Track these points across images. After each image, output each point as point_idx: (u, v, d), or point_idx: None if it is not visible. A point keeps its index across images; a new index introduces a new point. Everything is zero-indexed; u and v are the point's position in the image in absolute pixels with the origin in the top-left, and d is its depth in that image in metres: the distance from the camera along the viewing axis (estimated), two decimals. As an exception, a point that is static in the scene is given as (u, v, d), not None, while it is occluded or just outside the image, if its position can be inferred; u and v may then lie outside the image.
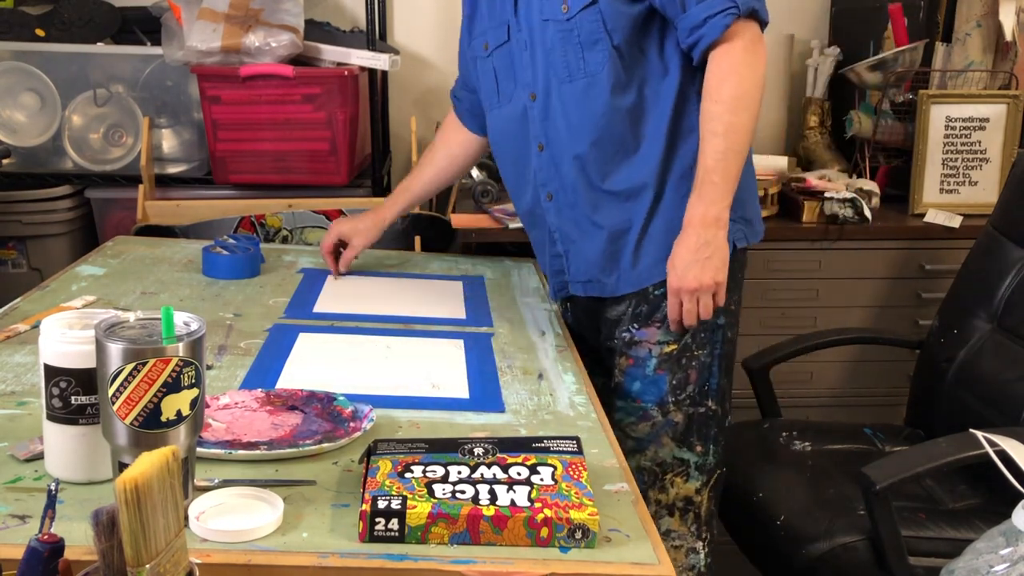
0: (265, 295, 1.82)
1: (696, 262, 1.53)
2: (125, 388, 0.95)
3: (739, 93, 1.49)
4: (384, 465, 1.07)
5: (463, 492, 1.03)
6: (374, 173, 2.70)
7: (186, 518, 0.97)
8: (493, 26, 1.68)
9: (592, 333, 1.77)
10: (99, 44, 2.65)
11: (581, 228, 1.66)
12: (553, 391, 1.43)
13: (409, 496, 1.01)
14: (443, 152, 1.97)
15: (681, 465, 1.66)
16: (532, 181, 1.69)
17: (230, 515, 1.01)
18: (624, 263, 1.65)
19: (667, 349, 1.63)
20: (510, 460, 1.10)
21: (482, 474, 1.07)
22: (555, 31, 1.57)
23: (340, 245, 1.96)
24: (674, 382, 1.64)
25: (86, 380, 1.03)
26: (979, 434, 1.57)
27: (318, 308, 1.75)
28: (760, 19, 1.52)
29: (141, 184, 2.48)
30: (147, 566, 0.74)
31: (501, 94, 1.71)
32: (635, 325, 1.65)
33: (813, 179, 2.61)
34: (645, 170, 1.60)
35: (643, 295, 1.64)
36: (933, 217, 2.64)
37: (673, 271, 1.55)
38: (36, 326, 1.48)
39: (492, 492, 1.03)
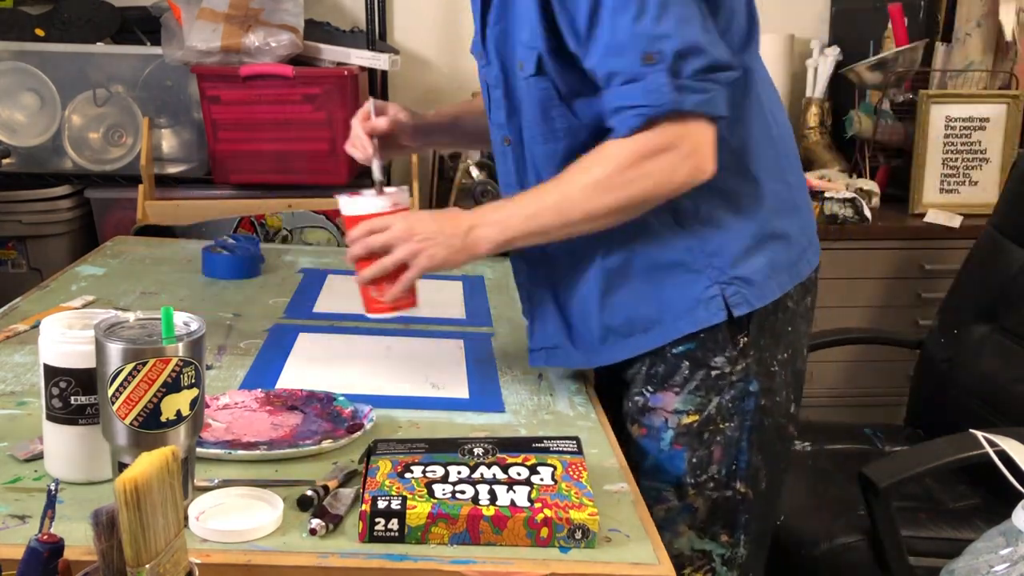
0: (265, 295, 1.82)
1: (437, 233, 1.27)
2: (125, 388, 0.95)
3: (604, 184, 1.21)
4: (384, 465, 1.07)
5: (463, 492, 1.03)
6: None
7: (186, 518, 0.97)
8: (476, 37, 1.41)
9: (614, 394, 1.48)
10: (99, 44, 2.65)
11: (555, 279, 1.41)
12: (553, 391, 1.43)
13: (409, 496, 1.01)
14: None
15: (703, 558, 1.36)
16: None
17: (230, 515, 1.01)
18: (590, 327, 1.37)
19: (686, 420, 1.33)
20: (510, 460, 1.10)
21: (482, 474, 1.07)
22: (519, 83, 1.30)
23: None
24: (694, 460, 1.33)
25: (86, 380, 1.03)
26: (979, 434, 1.57)
27: (318, 308, 1.75)
28: (705, 114, 1.18)
29: (141, 184, 2.48)
30: (147, 566, 0.74)
31: (493, 116, 1.41)
32: (649, 388, 1.35)
33: (813, 179, 2.62)
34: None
35: (659, 353, 1.34)
36: (933, 217, 2.64)
37: (408, 216, 1.31)
38: (36, 326, 1.48)
39: (492, 492, 1.03)
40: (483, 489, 1.04)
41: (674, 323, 1.32)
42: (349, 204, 1.35)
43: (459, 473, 1.07)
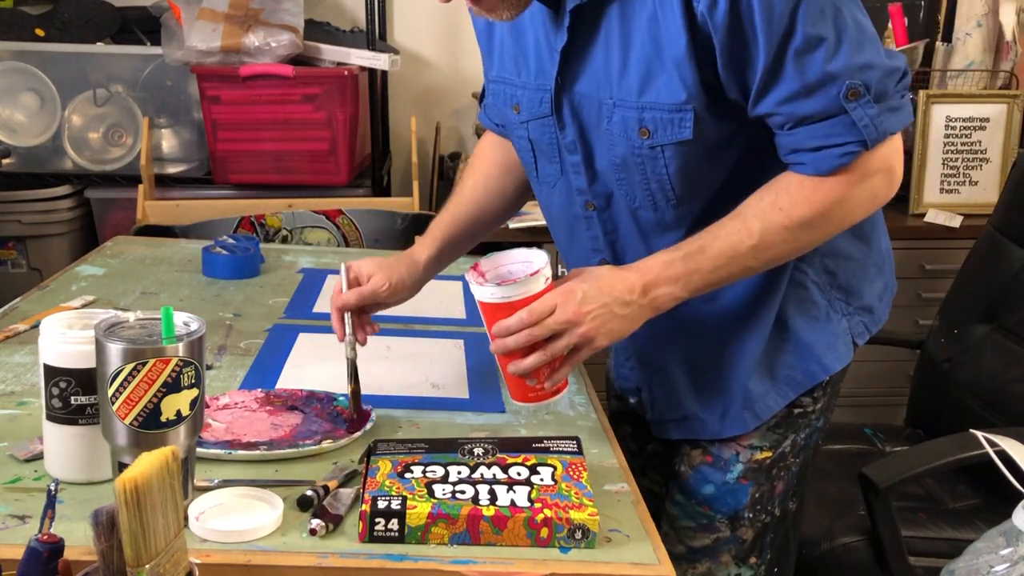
0: (265, 295, 1.82)
1: (606, 305, 1.12)
2: (125, 388, 0.95)
3: (809, 224, 1.12)
4: (384, 465, 1.07)
5: (463, 492, 1.03)
6: (374, 173, 2.70)
7: (186, 518, 0.97)
8: (526, 87, 1.25)
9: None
10: (99, 44, 2.65)
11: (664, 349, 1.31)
12: (553, 391, 1.43)
13: (409, 496, 1.01)
14: (493, 176, 1.45)
15: None
16: None
17: (230, 515, 1.01)
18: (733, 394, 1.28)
19: (759, 456, 1.30)
20: (510, 460, 1.10)
21: (482, 474, 1.07)
22: (628, 151, 1.17)
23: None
24: (757, 495, 1.31)
25: (86, 380, 1.03)
26: (979, 434, 1.57)
27: (318, 308, 1.75)
28: (902, 128, 1.12)
29: (141, 184, 2.48)
30: (147, 566, 0.74)
31: (540, 173, 1.31)
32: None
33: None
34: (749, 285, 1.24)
35: None
36: (933, 217, 2.64)
37: (570, 292, 1.12)
38: (36, 326, 1.47)
39: (492, 492, 1.03)
40: (483, 489, 1.04)
41: (821, 363, 1.28)
42: (493, 292, 1.13)
43: (459, 473, 1.07)
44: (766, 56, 1.05)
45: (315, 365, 1.47)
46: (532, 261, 1.17)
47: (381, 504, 0.99)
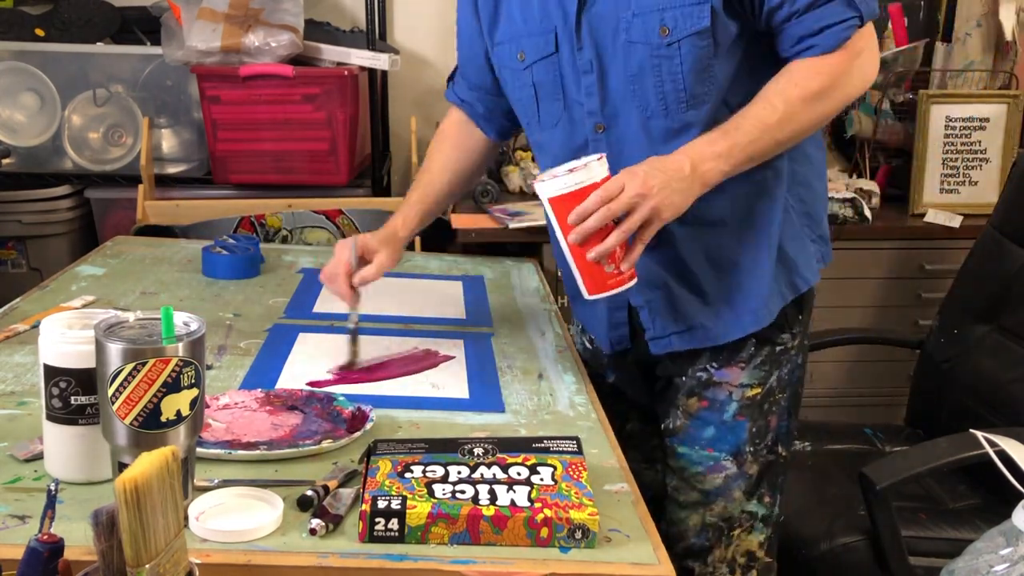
0: (265, 295, 1.82)
1: (667, 180, 1.23)
2: (125, 388, 0.95)
3: (822, 93, 1.29)
4: (384, 465, 1.07)
5: (463, 492, 1.03)
6: (374, 173, 2.70)
7: (186, 518, 0.97)
8: (532, 33, 1.40)
9: (636, 364, 1.55)
10: (99, 44, 2.65)
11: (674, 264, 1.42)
12: (553, 391, 1.43)
13: (409, 496, 1.01)
14: (456, 158, 1.64)
15: (749, 519, 1.47)
16: None
17: (230, 515, 1.01)
18: (735, 300, 1.40)
19: (750, 393, 1.44)
20: (510, 460, 1.10)
21: (482, 474, 1.07)
22: (645, 55, 1.31)
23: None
24: (754, 430, 1.44)
25: (86, 380, 1.03)
26: (979, 434, 1.57)
27: (318, 308, 1.75)
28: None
29: (141, 184, 2.48)
30: (147, 566, 0.74)
31: (542, 115, 1.44)
32: (714, 364, 1.43)
33: (813, 179, 2.61)
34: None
35: None
36: (933, 217, 2.64)
37: (633, 172, 1.24)
38: (36, 326, 1.47)
39: (492, 492, 1.03)
40: (483, 489, 1.04)
41: (804, 276, 1.43)
42: (563, 181, 1.22)
43: (459, 473, 1.07)
44: None
45: (315, 365, 1.47)
46: (586, 159, 1.25)
47: (381, 504, 0.99)
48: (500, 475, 1.07)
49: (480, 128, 1.64)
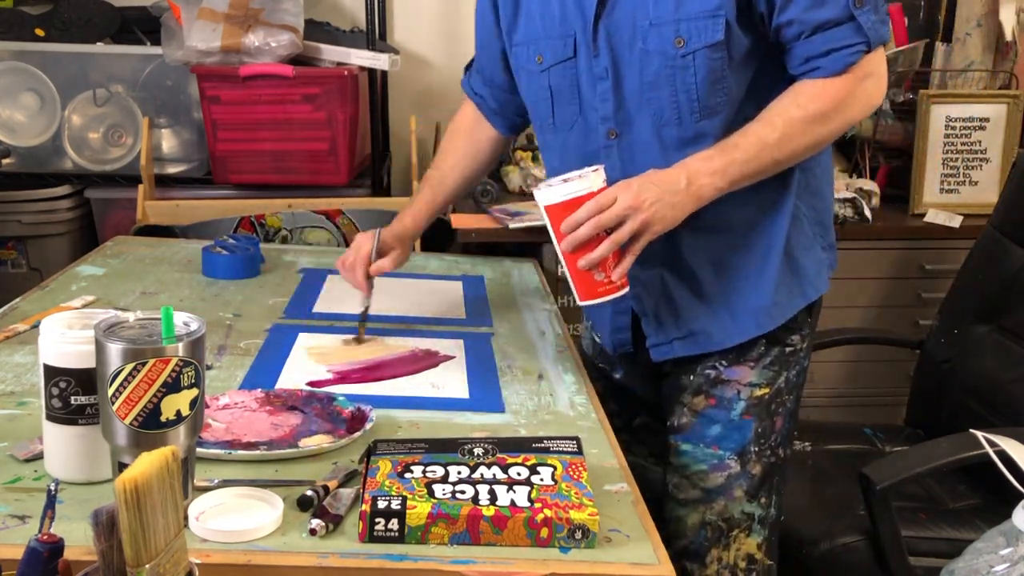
0: (265, 295, 1.82)
1: (660, 194, 1.25)
2: (125, 388, 0.95)
3: (823, 116, 1.29)
4: (384, 465, 1.07)
5: (463, 492, 1.03)
6: (374, 173, 2.70)
7: (186, 518, 0.97)
8: (551, 36, 1.41)
9: (639, 361, 1.54)
10: (99, 44, 2.65)
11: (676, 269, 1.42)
12: (553, 391, 1.43)
13: (409, 496, 1.01)
14: (468, 153, 1.68)
15: (748, 520, 1.46)
16: None
17: (230, 515, 1.01)
18: (738, 304, 1.41)
19: (759, 392, 1.43)
20: (510, 460, 1.10)
21: (482, 474, 1.07)
22: (661, 65, 1.32)
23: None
24: (760, 430, 1.44)
25: (86, 380, 1.03)
26: (979, 434, 1.57)
27: (318, 308, 1.75)
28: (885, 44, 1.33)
29: (141, 184, 2.48)
30: (147, 566, 0.74)
31: (557, 118, 1.44)
32: (723, 362, 1.43)
33: (813, 179, 2.61)
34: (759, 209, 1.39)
35: None
36: (933, 217, 2.64)
37: (627, 184, 1.27)
38: (36, 326, 1.47)
39: (492, 492, 1.03)
40: (483, 489, 1.04)
41: (815, 285, 1.44)
42: (559, 190, 1.25)
43: (459, 473, 1.07)
44: None
45: (315, 365, 1.47)
46: (585, 169, 1.28)
47: (381, 504, 0.99)
48: (500, 475, 1.07)
49: (491, 123, 1.67)
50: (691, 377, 1.46)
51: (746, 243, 1.39)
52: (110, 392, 0.96)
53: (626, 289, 1.29)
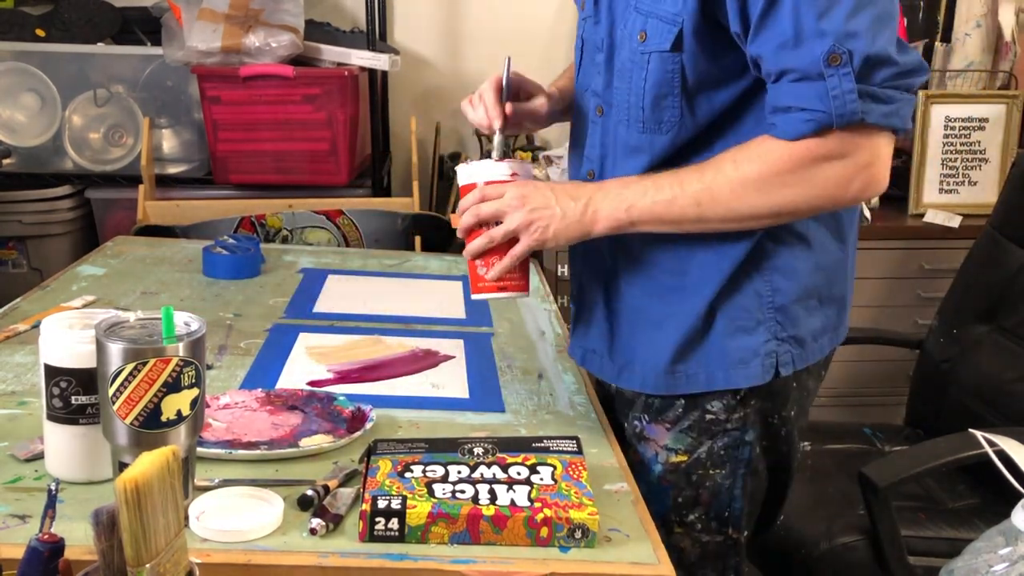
0: (265, 295, 1.82)
1: (548, 203, 1.17)
2: (125, 388, 0.95)
3: (760, 182, 1.09)
4: (384, 465, 1.08)
5: (463, 492, 1.03)
6: (374, 173, 2.70)
7: (186, 518, 0.97)
8: None
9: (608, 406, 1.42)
10: (99, 44, 2.65)
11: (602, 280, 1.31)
12: (553, 391, 1.43)
13: (409, 496, 1.01)
14: None
15: None
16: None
17: (230, 515, 1.01)
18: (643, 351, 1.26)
19: (675, 459, 1.26)
20: (510, 460, 1.10)
21: (482, 474, 1.07)
22: (627, 54, 1.18)
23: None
24: (679, 500, 1.27)
25: (86, 380, 1.04)
26: (979, 434, 1.57)
27: (318, 308, 1.76)
28: (890, 127, 1.06)
29: (141, 184, 2.48)
30: (147, 566, 0.74)
31: (580, 76, 1.32)
32: (646, 416, 1.28)
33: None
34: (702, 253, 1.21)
35: None
36: (932, 217, 2.64)
37: (523, 183, 1.20)
38: (36, 326, 1.48)
39: (492, 492, 1.04)
40: (483, 489, 1.04)
41: (728, 373, 1.21)
42: (464, 172, 1.24)
43: (459, 473, 1.07)
44: None
45: (315, 365, 1.47)
46: (510, 159, 1.24)
47: (381, 504, 0.99)
48: (500, 475, 1.07)
49: None
50: (627, 425, 1.33)
51: (671, 289, 1.22)
52: (111, 392, 0.96)
53: (509, 294, 1.22)
